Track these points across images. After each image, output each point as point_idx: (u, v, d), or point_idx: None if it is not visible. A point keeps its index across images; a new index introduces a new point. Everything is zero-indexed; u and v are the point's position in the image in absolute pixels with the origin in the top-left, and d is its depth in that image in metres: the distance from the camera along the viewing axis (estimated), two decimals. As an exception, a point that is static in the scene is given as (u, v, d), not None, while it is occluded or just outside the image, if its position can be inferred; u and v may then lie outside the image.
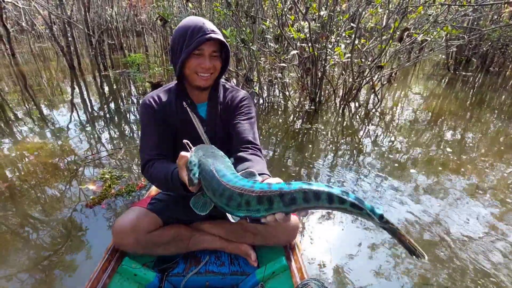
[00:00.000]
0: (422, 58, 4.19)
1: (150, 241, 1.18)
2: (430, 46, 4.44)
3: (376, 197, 2.17)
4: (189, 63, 1.06)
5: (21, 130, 3.49)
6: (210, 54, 1.07)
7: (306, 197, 0.64)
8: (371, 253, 1.66)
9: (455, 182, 2.38)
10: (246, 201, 0.67)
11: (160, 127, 1.14)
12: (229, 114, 1.20)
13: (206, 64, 1.06)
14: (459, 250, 1.69)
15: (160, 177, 1.03)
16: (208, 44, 1.04)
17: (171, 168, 1.00)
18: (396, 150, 2.98)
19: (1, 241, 1.73)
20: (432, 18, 4.09)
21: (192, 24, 1.04)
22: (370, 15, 3.95)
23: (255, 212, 0.68)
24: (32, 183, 2.32)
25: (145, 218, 1.18)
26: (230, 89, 1.24)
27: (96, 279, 1.10)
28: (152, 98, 1.16)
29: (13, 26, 13.64)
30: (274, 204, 0.65)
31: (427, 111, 4.22)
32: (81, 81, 6.34)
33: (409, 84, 6.18)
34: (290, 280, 1.17)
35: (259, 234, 1.27)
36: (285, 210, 0.67)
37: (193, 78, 1.09)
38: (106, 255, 1.20)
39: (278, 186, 0.66)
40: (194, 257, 1.32)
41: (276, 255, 1.29)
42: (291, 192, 0.64)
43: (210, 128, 1.20)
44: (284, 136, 3.37)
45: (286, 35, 3.47)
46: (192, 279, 1.22)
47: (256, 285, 1.18)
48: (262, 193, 0.65)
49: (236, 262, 1.31)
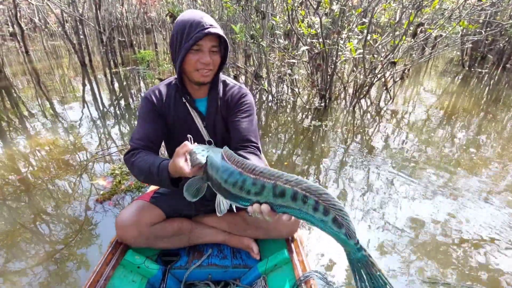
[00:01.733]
0: (437, 54, 4.07)
1: (152, 234, 1.18)
2: (445, 42, 4.31)
3: (386, 196, 2.12)
4: (188, 59, 1.04)
5: (34, 126, 3.56)
6: (210, 49, 1.04)
7: (295, 196, 0.64)
8: (376, 247, 1.62)
9: (469, 182, 2.30)
10: (243, 180, 0.70)
11: (155, 121, 1.14)
12: (228, 110, 1.19)
13: (205, 60, 1.04)
14: (471, 252, 1.63)
15: (143, 167, 1.02)
16: (207, 39, 1.02)
17: (157, 160, 1.00)
18: (408, 149, 2.91)
19: (14, 233, 1.76)
20: (447, 12, 3.96)
21: (190, 19, 1.01)
22: (383, 10, 3.85)
23: (246, 193, 0.70)
24: (45, 178, 2.36)
25: (147, 212, 1.19)
26: (231, 85, 1.21)
27: (100, 271, 1.11)
28: (153, 92, 1.16)
29: (27, 24, 13.92)
30: (264, 191, 0.67)
31: (440, 109, 4.11)
32: (92, 78, 6.42)
33: (421, 81, 6.03)
34: (292, 273, 1.17)
35: (261, 228, 1.27)
36: (272, 201, 0.68)
37: (193, 74, 1.08)
38: (109, 248, 1.20)
39: (278, 174, 0.67)
40: (197, 250, 1.33)
41: (278, 248, 1.28)
42: (284, 186, 0.65)
43: (210, 123, 1.19)
44: (293, 133, 3.33)
45: (296, 31, 3.41)
46: (195, 272, 1.22)
47: (258, 277, 1.18)
48: (259, 177, 0.68)
49: (239, 255, 1.32)
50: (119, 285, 1.14)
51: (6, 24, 12.59)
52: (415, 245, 1.68)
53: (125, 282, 1.15)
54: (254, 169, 0.69)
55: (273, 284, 1.16)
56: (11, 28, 11.73)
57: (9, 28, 12.20)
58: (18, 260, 1.58)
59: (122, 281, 1.15)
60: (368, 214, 1.93)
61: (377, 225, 1.83)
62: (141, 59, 7.18)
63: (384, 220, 1.88)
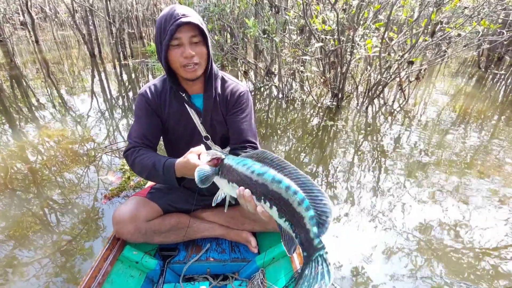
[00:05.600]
0: (456, 54, 3.94)
1: (150, 229, 1.18)
2: (462, 42, 4.16)
3: (396, 198, 2.06)
4: (171, 57, 1.00)
5: (43, 116, 3.55)
6: (190, 41, 0.98)
7: (288, 188, 0.67)
8: (383, 251, 1.56)
9: (482, 186, 2.22)
10: (252, 164, 0.75)
11: (150, 118, 1.13)
12: (227, 107, 1.17)
13: (187, 53, 0.98)
14: (481, 258, 1.57)
15: (146, 164, 1.03)
16: (183, 30, 0.96)
17: (162, 159, 1.02)
18: (420, 151, 2.82)
19: (21, 224, 1.74)
20: (468, 11, 3.81)
21: (164, 14, 0.97)
22: (401, 7, 3.71)
23: (250, 173, 0.74)
24: (53, 169, 2.34)
25: (144, 207, 1.19)
26: (229, 81, 1.18)
27: (98, 267, 1.11)
28: (148, 88, 1.14)
29: (38, 13, 13.97)
30: (266, 174, 0.71)
31: (454, 111, 3.98)
32: (101, 69, 6.41)
33: (434, 81, 5.88)
34: (289, 266, 1.17)
35: (258, 221, 1.27)
36: (268, 185, 0.70)
37: (180, 71, 1.03)
38: (107, 243, 1.20)
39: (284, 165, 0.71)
40: (195, 245, 1.33)
41: (276, 241, 1.28)
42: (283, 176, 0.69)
43: (206, 119, 1.16)
44: (303, 132, 3.26)
45: (310, 27, 3.32)
46: (193, 266, 1.23)
47: (257, 271, 1.20)
48: (267, 164, 0.73)
49: (237, 249, 1.33)
50: (117, 280, 1.14)
51: (17, 13, 12.64)
52: (423, 250, 1.63)
53: (124, 277, 1.16)
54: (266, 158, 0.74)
55: (271, 277, 1.17)
56: (21, 17, 11.77)
57: (20, 17, 12.25)
58: (26, 250, 1.56)
59: (120, 276, 1.16)
60: (376, 217, 1.87)
61: (385, 227, 1.78)
62: (151, 52, 7.13)
63: (391, 223, 1.83)
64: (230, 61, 5.19)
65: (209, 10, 4.40)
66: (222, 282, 1.21)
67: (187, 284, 1.17)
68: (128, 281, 1.15)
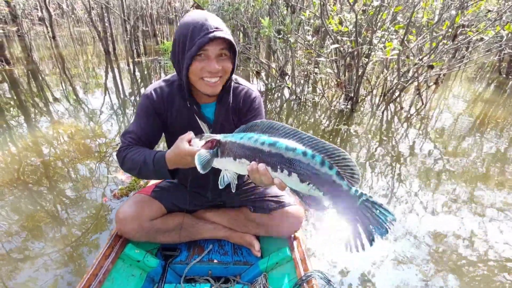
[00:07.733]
0: (480, 59, 3.79)
1: (152, 228, 1.17)
2: (484, 46, 4.01)
3: (409, 205, 1.98)
4: (193, 68, 0.93)
5: (57, 111, 3.59)
6: (217, 55, 0.92)
7: (305, 153, 0.68)
8: (393, 259, 1.49)
9: (499, 198, 2.12)
10: (259, 135, 0.76)
11: (150, 121, 1.08)
12: (239, 115, 1.13)
13: (212, 67, 0.91)
14: (497, 272, 1.48)
15: (137, 159, 0.98)
16: (213, 44, 0.90)
17: (152, 152, 0.98)
18: (436, 158, 2.71)
19: (34, 217, 1.74)
20: (493, 14, 3.66)
21: (192, 22, 0.90)
22: (421, 9, 3.59)
23: (260, 144, 0.73)
24: (65, 163, 2.35)
25: (148, 205, 1.17)
26: (241, 86, 1.12)
27: (99, 265, 1.10)
28: (154, 90, 1.08)
29: (55, 9, 14.27)
30: (277, 144, 0.71)
31: (472, 118, 3.83)
32: (115, 66, 6.47)
33: (452, 87, 5.69)
34: (293, 271, 1.15)
35: (262, 225, 1.25)
36: (282, 154, 0.70)
37: (198, 84, 0.97)
38: (109, 241, 1.18)
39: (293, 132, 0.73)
40: (197, 246, 1.32)
41: (279, 246, 1.26)
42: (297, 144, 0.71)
43: (216, 129, 1.10)
44: (315, 134, 3.19)
45: (327, 28, 3.24)
46: (195, 267, 1.21)
47: (259, 275, 1.17)
48: (273, 135, 0.74)
49: (240, 251, 1.31)
50: (118, 278, 1.13)
51: (36, 9, 12.94)
52: (436, 261, 1.56)
53: (125, 276, 1.15)
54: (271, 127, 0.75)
55: (274, 282, 1.15)
56: (40, 13, 12.04)
57: (38, 13, 12.53)
58: (37, 242, 1.56)
59: (121, 274, 1.15)
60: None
61: (396, 236, 1.72)
62: (164, 50, 7.16)
63: (404, 230, 1.77)
64: (243, 60, 5.16)
65: (223, 9, 4.37)
66: (224, 284, 1.19)
67: (188, 285, 1.16)
68: (129, 279, 1.15)
